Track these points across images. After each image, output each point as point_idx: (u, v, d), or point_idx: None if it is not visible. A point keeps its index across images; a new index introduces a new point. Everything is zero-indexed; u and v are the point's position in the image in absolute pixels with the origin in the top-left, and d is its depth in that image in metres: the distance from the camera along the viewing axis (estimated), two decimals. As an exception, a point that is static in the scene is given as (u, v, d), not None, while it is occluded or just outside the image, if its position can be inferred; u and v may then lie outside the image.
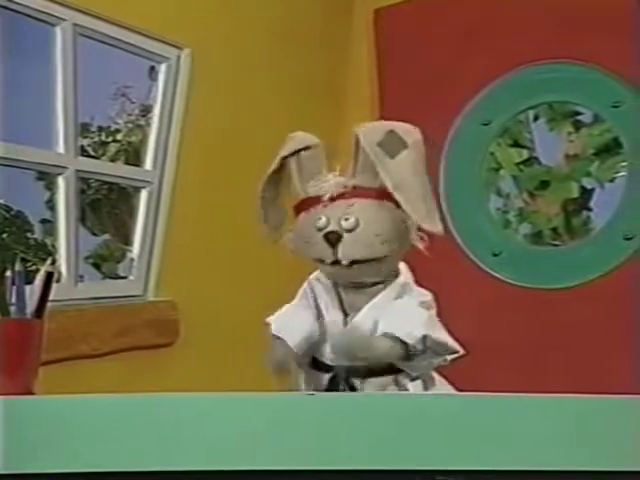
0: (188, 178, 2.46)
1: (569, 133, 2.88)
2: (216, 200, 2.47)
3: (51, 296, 1.28)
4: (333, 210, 1.02)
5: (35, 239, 2.58)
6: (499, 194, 2.94)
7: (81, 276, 2.31)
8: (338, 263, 1.01)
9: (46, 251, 2.49)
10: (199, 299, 2.42)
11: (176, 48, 2.46)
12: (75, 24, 2.19)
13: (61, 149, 2.20)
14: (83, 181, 2.39)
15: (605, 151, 2.80)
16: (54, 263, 1.34)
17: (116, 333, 2.22)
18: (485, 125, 2.87)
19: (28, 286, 1.26)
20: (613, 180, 2.80)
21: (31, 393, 1.20)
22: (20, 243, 2.57)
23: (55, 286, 1.30)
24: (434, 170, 2.79)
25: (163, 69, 2.47)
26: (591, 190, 2.85)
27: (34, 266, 2.24)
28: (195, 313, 2.40)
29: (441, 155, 2.84)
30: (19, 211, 2.59)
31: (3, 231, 2.53)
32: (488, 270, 2.78)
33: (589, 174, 2.84)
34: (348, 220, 1.01)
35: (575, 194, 2.85)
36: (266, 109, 2.53)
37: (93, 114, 2.69)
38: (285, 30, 2.80)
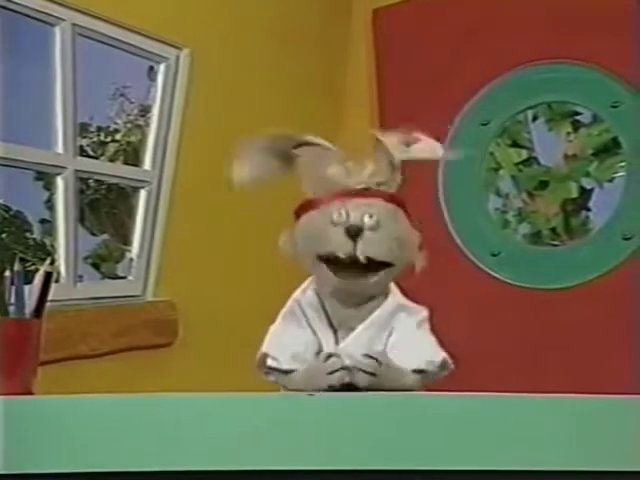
0: (187, 178, 2.46)
1: (568, 133, 2.88)
2: (215, 200, 2.47)
3: (50, 296, 1.28)
4: (353, 206, 0.99)
5: (34, 239, 2.58)
6: (498, 194, 2.94)
7: (80, 276, 2.31)
8: (353, 262, 0.98)
9: (45, 251, 2.49)
10: (198, 299, 2.42)
11: (175, 48, 2.46)
12: (74, 24, 2.20)
13: (60, 149, 2.20)
14: (82, 181, 2.39)
15: (604, 151, 2.80)
16: (53, 263, 1.34)
17: (115, 333, 2.22)
18: (484, 125, 2.87)
19: (27, 286, 1.26)
20: (612, 180, 2.80)
21: (30, 393, 1.20)
22: (19, 243, 2.57)
23: (54, 286, 1.30)
24: (434, 170, 2.79)
25: (162, 69, 2.48)
26: (590, 190, 2.85)
27: (33, 266, 2.23)
28: (194, 313, 2.40)
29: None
30: (18, 211, 2.59)
31: (2, 231, 2.52)
32: (487, 270, 2.78)
33: (588, 174, 2.84)
34: (372, 217, 0.98)
35: (574, 194, 2.85)
36: (265, 109, 2.53)
37: (92, 114, 2.69)
38: (284, 30, 2.80)
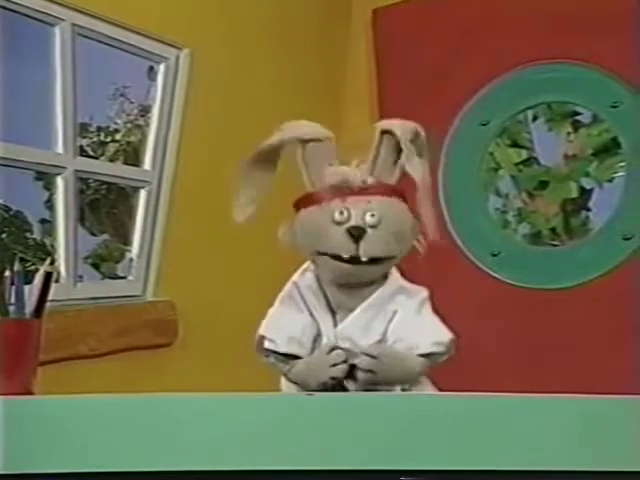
0: (187, 178, 2.46)
1: (568, 133, 2.88)
2: (215, 200, 2.46)
3: (50, 296, 1.28)
4: (354, 204, 0.99)
5: (34, 239, 2.58)
6: (498, 194, 2.94)
7: (80, 276, 2.31)
8: (355, 260, 0.99)
9: (45, 251, 2.49)
10: (198, 299, 2.42)
11: (175, 48, 2.46)
12: (74, 24, 2.19)
13: (60, 149, 2.20)
14: (82, 181, 2.38)
15: (604, 151, 2.80)
16: (53, 263, 1.34)
17: (115, 333, 2.22)
18: (484, 125, 2.86)
19: (27, 286, 1.26)
20: (612, 180, 2.80)
21: (30, 393, 1.20)
22: (19, 243, 2.57)
23: (54, 286, 1.30)
24: (433, 170, 2.79)
25: (162, 69, 2.47)
26: (590, 190, 2.85)
27: (33, 266, 2.23)
28: (194, 313, 2.40)
29: (440, 155, 2.83)
30: (18, 211, 2.58)
31: (2, 231, 2.52)
32: (487, 270, 2.78)
33: (588, 174, 2.84)
34: (374, 216, 0.99)
35: (574, 194, 2.85)
36: (265, 108, 2.53)
37: (92, 114, 2.69)
38: (283, 30, 2.80)
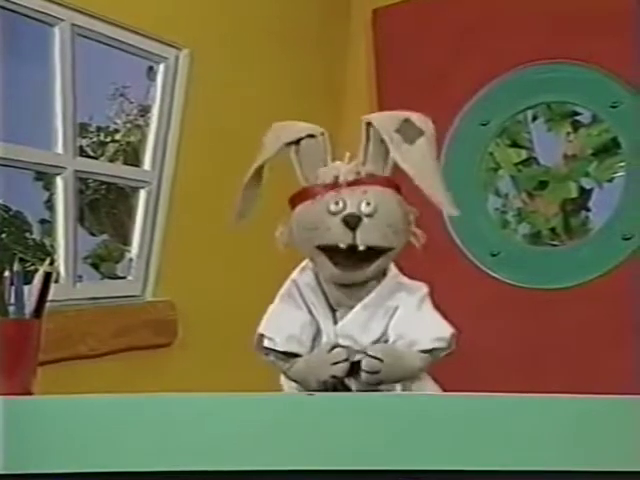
0: (187, 178, 2.46)
1: (568, 133, 2.88)
2: (214, 200, 2.46)
3: (50, 296, 1.28)
4: (349, 195, 0.99)
5: (34, 239, 2.58)
6: (498, 194, 2.94)
7: (80, 276, 2.31)
8: (352, 250, 0.98)
9: (45, 251, 2.49)
10: (197, 299, 2.42)
11: (174, 48, 2.46)
12: (73, 24, 2.19)
13: (60, 149, 2.20)
14: (82, 181, 2.39)
15: (603, 151, 2.80)
16: (53, 263, 1.34)
17: (114, 333, 2.22)
18: (484, 125, 2.86)
19: (27, 286, 1.26)
20: (611, 180, 2.80)
21: (30, 393, 1.20)
22: (19, 243, 2.57)
23: (54, 286, 1.30)
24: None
25: (161, 69, 2.47)
26: (590, 190, 2.85)
27: (33, 266, 2.23)
28: (193, 313, 2.40)
29: (440, 155, 2.83)
30: (18, 211, 2.59)
31: (2, 231, 2.52)
32: (487, 270, 2.78)
33: (588, 174, 2.84)
34: (369, 205, 0.99)
35: (574, 194, 2.85)
36: (264, 108, 2.53)
37: (92, 114, 2.69)
38: (283, 30, 2.80)
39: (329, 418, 0.81)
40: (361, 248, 0.98)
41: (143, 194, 2.45)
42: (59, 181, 2.22)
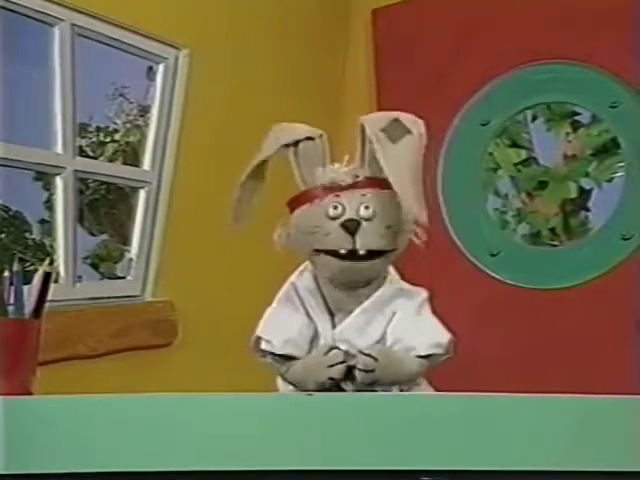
0: (186, 178, 2.46)
1: (567, 133, 2.88)
2: (214, 200, 2.46)
3: (49, 296, 1.28)
4: (348, 199, 0.99)
5: (33, 239, 2.58)
6: (497, 194, 2.94)
7: (79, 276, 2.31)
8: (353, 254, 0.98)
9: (44, 251, 2.49)
10: (197, 300, 2.42)
11: (174, 48, 2.46)
12: (73, 24, 2.19)
13: (59, 149, 2.20)
14: (81, 181, 2.38)
15: (603, 151, 2.80)
16: (52, 263, 1.34)
17: (114, 333, 2.22)
18: (483, 125, 2.86)
19: (26, 286, 1.26)
20: (611, 180, 2.80)
21: (29, 393, 1.20)
22: (18, 243, 2.57)
23: (53, 286, 1.30)
24: (432, 170, 2.79)
25: (161, 69, 2.47)
26: (589, 190, 2.85)
27: (32, 266, 2.23)
28: (193, 313, 2.40)
29: (439, 155, 2.83)
30: (17, 211, 2.59)
31: (1, 231, 2.52)
32: (486, 270, 2.78)
33: (587, 174, 2.84)
34: (368, 209, 0.99)
35: (573, 194, 2.85)
36: (264, 109, 2.53)
37: (91, 114, 2.69)
38: (283, 30, 2.80)
39: (329, 418, 0.81)
40: (361, 252, 0.98)
41: (143, 194, 2.45)
42: (59, 181, 2.22)
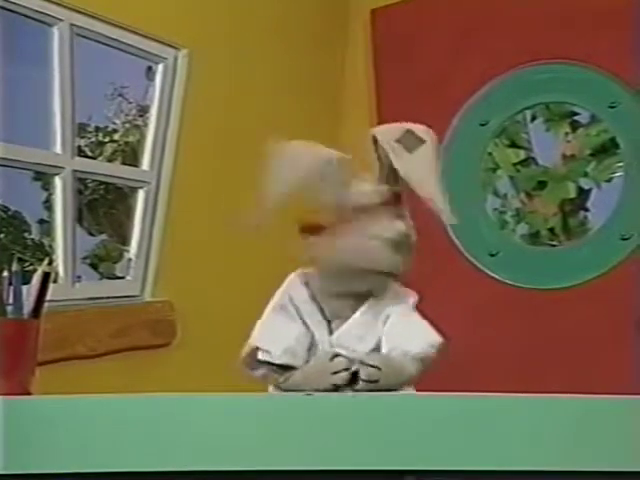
0: (185, 178, 2.46)
1: (566, 133, 2.88)
2: (213, 200, 2.47)
3: (48, 296, 1.27)
4: (382, 218, 1.00)
5: (32, 239, 2.58)
6: (496, 194, 2.94)
7: (78, 276, 2.31)
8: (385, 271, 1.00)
9: (43, 251, 2.49)
10: (196, 300, 2.42)
11: (173, 48, 2.46)
12: (72, 24, 2.19)
13: (58, 149, 2.20)
14: (80, 181, 2.38)
15: (602, 151, 2.80)
16: (51, 263, 1.34)
17: (113, 333, 2.22)
18: (482, 125, 2.87)
19: (25, 286, 1.26)
20: (610, 180, 2.80)
21: (28, 393, 1.20)
22: (17, 243, 2.57)
23: (52, 286, 1.30)
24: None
25: (160, 69, 2.47)
26: (588, 190, 2.85)
27: (31, 266, 2.23)
28: (192, 314, 2.40)
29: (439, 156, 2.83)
30: (16, 211, 2.58)
31: (0, 231, 2.52)
32: (485, 270, 2.78)
33: (586, 174, 2.84)
34: (402, 229, 1.00)
35: (572, 194, 2.85)
36: (263, 109, 2.53)
37: (90, 114, 2.69)
38: (281, 30, 2.80)
39: (327, 418, 0.81)
40: (395, 271, 1.00)
41: (142, 194, 2.45)
42: (58, 181, 2.22)
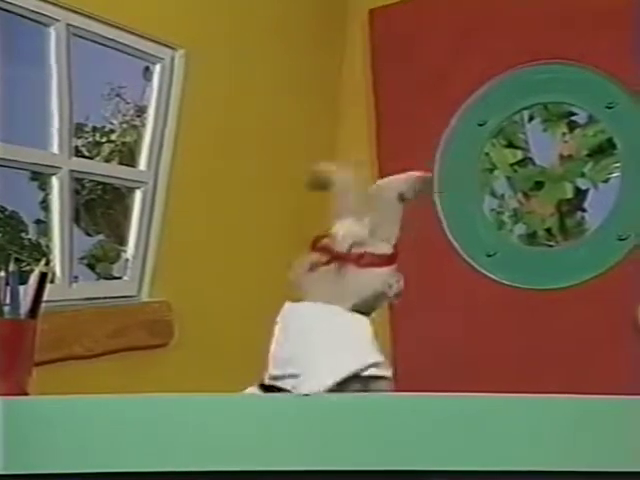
0: (182, 178, 2.45)
1: (563, 134, 2.88)
2: (211, 200, 2.47)
3: (45, 296, 1.27)
4: (393, 270, 1.01)
5: (29, 239, 2.58)
6: (493, 195, 2.94)
7: (75, 276, 2.31)
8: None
9: (40, 251, 2.49)
10: (193, 300, 2.42)
11: (170, 49, 2.46)
12: (69, 24, 2.19)
13: (55, 149, 2.20)
14: (77, 181, 2.38)
15: (599, 152, 2.81)
16: (48, 263, 1.34)
17: (110, 334, 2.22)
18: (480, 125, 2.87)
19: (22, 286, 1.26)
20: (607, 181, 2.80)
21: (25, 394, 1.19)
22: (14, 243, 2.57)
23: (49, 286, 1.30)
24: (430, 170, 2.79)
25: (157, 69, 2.47)
26: (585, 191, 2.86)
27: (28, 266, 2.23)
28: (189, 314, 2.40)
29: (436, 155, 2.84)
30: (13, 211, 2.58)
31: (-3, 231, 2.52)
32: (482, 271, 2.78)
33: (583, 175, 2.84)
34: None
35: (569, 195, 2.86)
36: (261, 109, 2.53)
37: (87, 114, 2.69)
38: (280, 30, 2.80)
39: (326, 418, 0.80)
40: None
41: (139, 194, 2.45)
42: (55, 181, 2.22)
